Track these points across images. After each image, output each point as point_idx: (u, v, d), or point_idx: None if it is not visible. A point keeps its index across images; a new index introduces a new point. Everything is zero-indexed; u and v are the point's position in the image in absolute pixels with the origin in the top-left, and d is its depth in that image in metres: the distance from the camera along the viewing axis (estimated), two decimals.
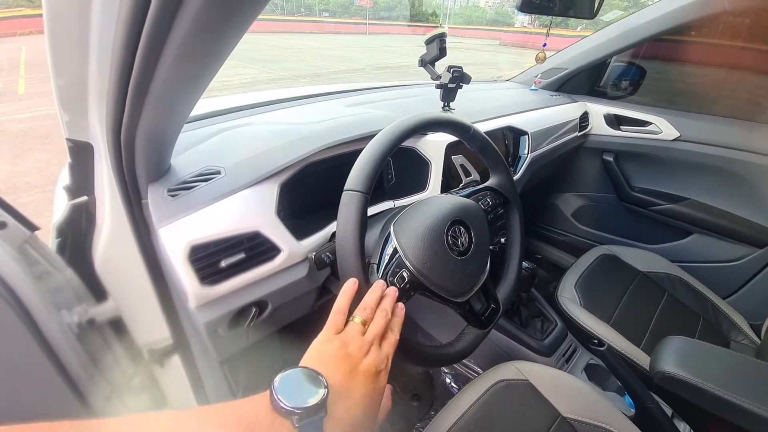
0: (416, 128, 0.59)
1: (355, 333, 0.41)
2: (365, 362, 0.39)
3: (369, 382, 0.38)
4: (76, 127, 0.54)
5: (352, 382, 0.37)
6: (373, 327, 0.43)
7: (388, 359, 0.42)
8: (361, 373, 0.38)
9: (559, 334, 1.03)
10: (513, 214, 0.75)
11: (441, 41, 0.98)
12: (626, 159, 1.50)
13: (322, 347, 0.40)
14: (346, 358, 0.38)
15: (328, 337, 0.41)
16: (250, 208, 0.60)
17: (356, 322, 0.43)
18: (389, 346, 0.43)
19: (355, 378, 0.37)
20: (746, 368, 0.73)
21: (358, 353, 0.39)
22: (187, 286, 0.55)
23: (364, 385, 0.38)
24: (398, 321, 0.46)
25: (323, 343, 0.40)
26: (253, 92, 1.08)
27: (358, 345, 0.40)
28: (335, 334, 0.41)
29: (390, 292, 0.48)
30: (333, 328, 0.42)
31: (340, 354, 0.39)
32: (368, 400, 0.38)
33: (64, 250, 0.63)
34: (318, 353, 0.39)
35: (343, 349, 0.39)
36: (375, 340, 0.42)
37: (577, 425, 0.70)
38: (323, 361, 0.38)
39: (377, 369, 0.39)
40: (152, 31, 0.31)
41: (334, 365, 0.37)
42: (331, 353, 0.39)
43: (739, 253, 1.30)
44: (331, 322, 0.43)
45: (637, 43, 1.34)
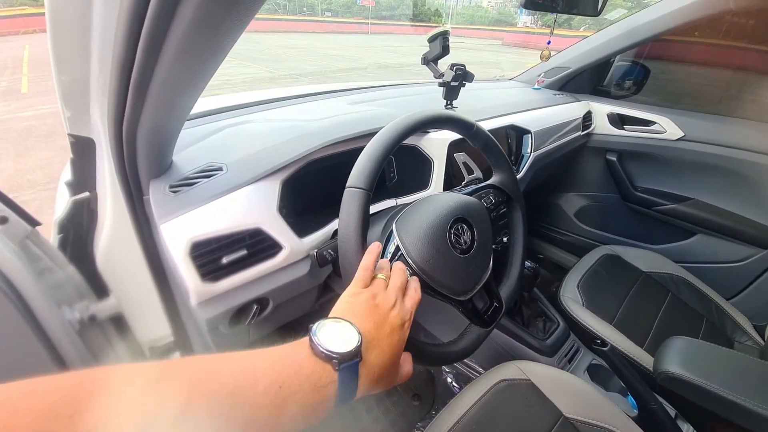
0: (419, 125, 0.59)
1: (381, 287, 0.44)
2: (392, 314, 0.41)
3: (395, 332, 0.40)
4: (79, 122, 0.54)
5: (380, 331, 0.39)
6: (394, 281, 0.46)
7: (412, 314, 0.44)
8: (388, 323, 0.40)
9: (562, 334, 1.02)
10: (516, 213, 0.75)
11: (444, 39, 0.97)
12: (630, 159, 1.50)
13: (352, 299, 0.42)
14: (375, 309, 0.41)
15: (356, 290, 0.44)
16: (251, 205, 0.60)
17: (381, 278, 0.46)
18: (411, 301, 0.45)
19: (383, 327, 0.40)
20: (750, 369, 0.72)
21: (385, 304, 0.42)
22: (189, 282, 0.54)
23: (391, 334, 0.40)
24: (417, 283, 0.49)
25: (353, 296, 0.43)
26: (255, 90, 1.08)
27: (384, 297, 0.43)
28: (363, 287, 0.44)
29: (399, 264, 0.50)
30: (361, 282, 0.45)
31: (370, 305, 0.41)
32: (394, 348, 0.40)
33: (66, 246, 0.63)
34: (349, 305, 0.42)
35: (372, 301, 0.42)
36: (398, 294, 0.44)
37: (580, 425, 0.69)
38: (354, 312, 0.40)
39: (402, 320, 0.42)
40: (153, 25, 0.31)
41: (365, 315, 0.40)
42: (361, 304, 0.41)
43: (744, 253, 1.30)
44: (359, 277, 0.45)
45: (640, 43, 1.33)
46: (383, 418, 1.17)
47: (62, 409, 0.22)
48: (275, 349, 0.34)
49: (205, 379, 0.28)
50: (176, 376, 0.27)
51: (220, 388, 0.27)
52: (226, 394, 0.27)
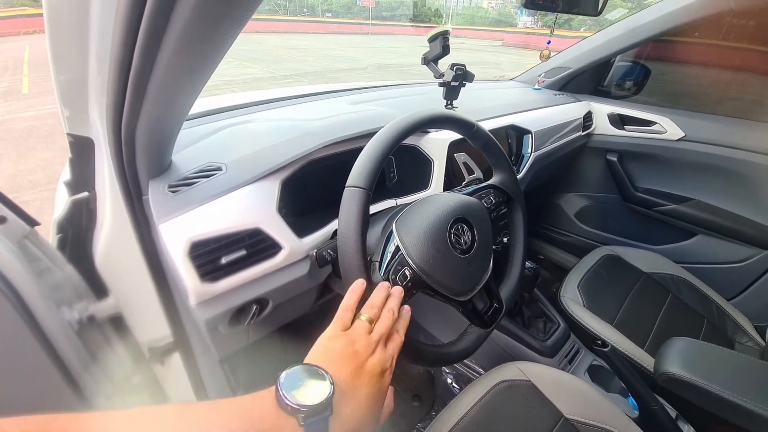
0: (419, 125, 0.59)
1: (362, 331, 0.41)
2: (371, 361, 0.39)
3: (374, 382, 0.38)
4: (77, 122, 0.54)
5: (358, 381, 0.37)
6: (379, 326, 0.43)
7: (393, 359, 0.41)
8: (366, 372, 0.38)
9: (562, 334, 1.02)
10: (516, 213, 0.74)
11: (444, 39, 0.97)
12: (630, 159, 1.49)
13: (328, 344, 0.40)
14: (353, 356, 0.38)
15: (335, 333, 0.41)
16: (251, 205, 0.60)
17: (363, 320, 0.42)
18: (394, 347, 0.43)
19: (361, 377, 0.37)
20: (751, 370, 0.72)
21: (364, 352, 0.39)
22: (188, 282, 0.54)
23: (369, 384, 0.37)
24: (404, 323, 0.46)
25: (330, 340, 0.40)
26: (255, 91, 1.08)
27: (364, 343, 0.40)
28: (342, 330, 0.41)
29: (396, 292, 0.48)
30: (340, 324, 0.42)
31: (347, 352, 0.38)
32: (373, 399, 0.37)
33: (65, 246, 0.63)
34: (324, 350, 0.39)
35: (350, 347, 0.39)
36: (381, 340, 0.41)
37: (580, 426, 0.69)
38: (330, 358, 0.37)
39: (382, 368, 0.39)
40: (151, 23, 0.31)
41: (341, 363, 0.37)
42: (338, 350, 0.38)
43: (744, 254, 1.29)
44: (339, 318, 0.43)
45: (641, 43, 1.33)
46: None
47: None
48: (237, 400, 0.32)
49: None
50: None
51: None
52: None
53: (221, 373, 0.79)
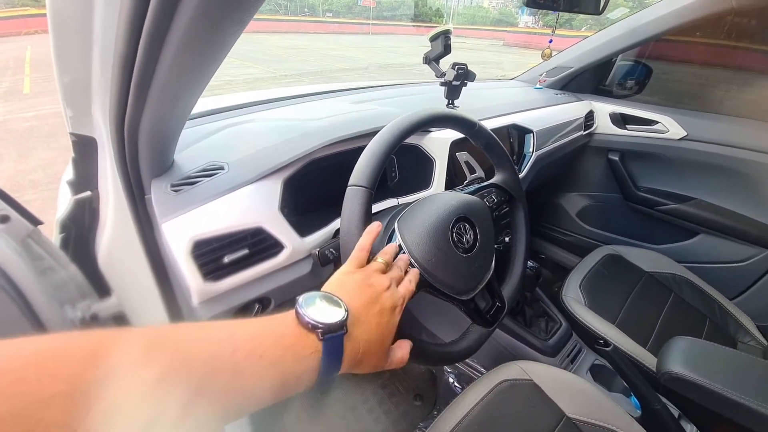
0: (421, 124, 0.59)
1: (377, 269, 0.44)
2: (384, 295, 0.41)
3: (385, 314, 0.40)
4: (80, 121, 0.54)
5: (370, 310, 0.39)
6: (393, 271, 0.45)
7: (404, 300, 0.43)
8: (379, 303, 0.40)
9: (564, 334, 1.02)
10: (518, 212, 0.74)
11: (446, 38, 0.97)
12: (632, 158, 1.49)
13: (344, 277, 0.42)
14: (367, 288, 0.40)
15: (350, 269, 0.43)
16: (253, 204, 0.60)
17: (379, 261, 0.45)
18: (406, 291, 0.44)
19: (373, 307, 0.39)
20: (754, 369, 0.72)
21: (379, 286, 0.41)
22: (190, 281, 0.54)
23: (381, 314, 0.39)
24: (415, 277, 0.48)
25: (345, 274, 0.42)
26: (256, 90, 1.08)
27: (378, 279, 0.42)
28: (357, 267, 0.43)
29: (403, 256, 0.50)
30: (356, 262, 0.44)
31: (363, 284, 0.41)
32: (383, 328, 0.39)
33: (68, 245, 0.63)
34: (340, 282, 0.41)
35: (366, 281, 0.41)
36: (394, 282, 0.43)
37: (583, 426, 0.69)
38: (345, 289, 0.40)
39: (394, 304, 0.41)
40: (154, 23, 0.31)
41: (356, 293, 0.39)
42: (353, 283, 0.41)
43: (747, 253, 1.29)
44: (354, 257, 0.45)
45: (642, 42, 1.33)
46: (385, 418, 1.17)
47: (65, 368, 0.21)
48: (261, 319, 0.34)
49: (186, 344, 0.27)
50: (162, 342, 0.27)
51: (199, 352, 0.27)
52: (204, 359, 0.27)
53: None
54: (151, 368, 0.24)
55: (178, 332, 0.29)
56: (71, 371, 0.21)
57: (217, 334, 0.30)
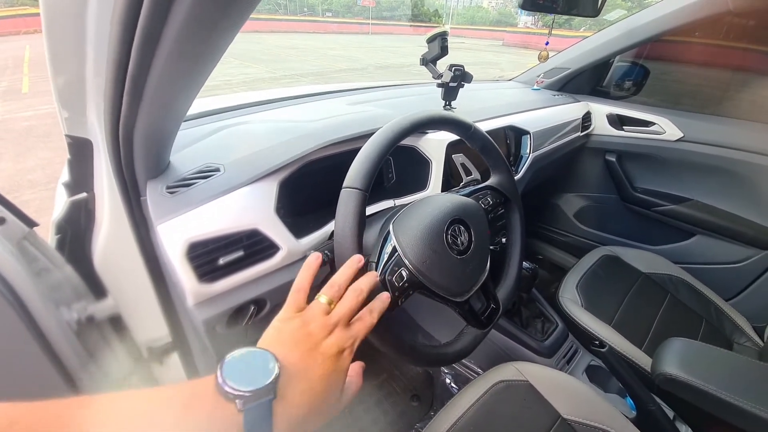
0: (416, 126, 0.59)
1: (317, 312, 0.38)
2: (326, 342, 0.36)
3: (329, 363, 0.35)
4: (75, 123, 0.54)
5: (309, 362, 0.35)
6: (339, 307, 0.39)
7: (356, 340, 0.39)
8: (320, 353, 0.35)
9: (560, 335, 1.02)
10: (514, 214, 0.75)
11: (442, 40, 0.97)
12: (629, 159, 1.49)
13: (280, 325, 0.38)
14: (305, 338, 0.36)
15: (287, 315, 0.39)
16: (248, 206, 0.60)
17: (320, 302, 0.40)
18: (361, 327, 0.40)
19: (313, 358, 0.35)
20: (748, 370, 0.72)
21: (319, 333, 0.37)
22: (185, 283, 0.54)
23: (323, 365, 0.35)
24: (380, 305, 0.43)
25: (282, 321, 0.38)
26: (254, 91, 1.08)
27: (320, 324, 0.37)
28: (296, 312, 0.39)
29: (371, 274, 0.45)
30: (293, 306, 0.39)
31: (300, 333, 0.36)
32: (327, 381, 0.35)
33: (64, 246, 0.63)
34: (276, 332, 0.37)
35: (303, 329, 0.37)
36: (341, 321, 0.38)
37: (578, 427, 0.69)
38: (280, 341, 0.36)
39: (339, 349, 0.36)
40: (147, 25, 0.31)
41: (292, 344, 0.35)
42: (289, 332, 0.36)
43: (743, 254, 1.30)
44: (291, 300, 0.40)
45: (639, 43, 1.33)
46: (382, 419, 1.17)
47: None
48: (177, 386, 0.30)
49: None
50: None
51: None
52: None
53: None
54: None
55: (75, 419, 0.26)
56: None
57: (116, 415, 0.27)
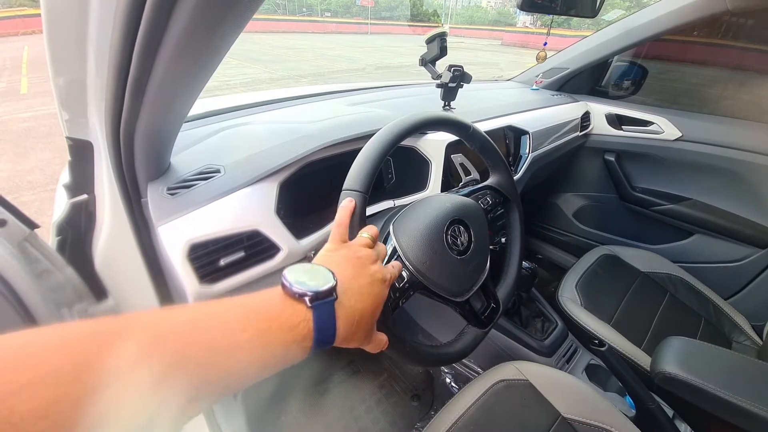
0: (415, 127, 0.59)
1: (363, 244, 0.43)
2: (374, 267, 0.40)
3: (375, 285, 0.39)
4: (76, 125, 0.54)
5: (360, 281, 0.38)
6: (379, 247, 0.45)
7: (392, 276, 0.43)
8: (369, 275, 0.39)
9: (560, 334, 1.02)
10: (513, 214, 0.75)
11: (441, 40, 0.98)
12: (628, 159, 1.50)
13: (330, 254, 0.41)
14: (355, 260, 0.40)
15: (334, 246, 0.42)
16: (249, 207, 0.60)
17: (364, 236, 0.44)
18: (393, 270, 0.44)
19: (363, 277, 0.38)
20: (747, 369, 0.72)
21: (367, 259, 0.40)
22: (186, 284, 0.55)
23: (371, 285, 0.38)
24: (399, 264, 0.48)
25: (330, 251, 0.41)
26: (253, 92, 1.08)
27: (367, 253, 0.41)
28: (341, 243, 0.43)
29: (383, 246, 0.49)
30: (338, 238, 0.43)
31: (350, 257, 0.40)
32: (374, 299, 0.38)
33: (64, 248, 0.63)
34: (326, 257, 0.41)
35: (353, 254, 0.40)
36: (381, 256, 0.43)
37: (578, 426, 0.70)
38: (333, 262, 0.39)
39: (383, 276, 0.40)
40: (149, 28, 0.31)
41: (344, 265, 0.38)
42: (340, 257, 0.40)
43: (742, 253, 1.30)
44: (336, 234, 0.44)
45: (638, 43, 1.33)
46: (383, 418, 1.17)
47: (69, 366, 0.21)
48: (245, 295, 0.32)
49: (158, 327, 0.26)
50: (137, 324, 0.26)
51: (172, 332, 0.26)
52: (178, 337, 0.26)
53: None
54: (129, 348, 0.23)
55: (150, 316, 0.27)
56: (43, 359, 0.20)
57: (191, 314, 0.29)
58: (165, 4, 0.29)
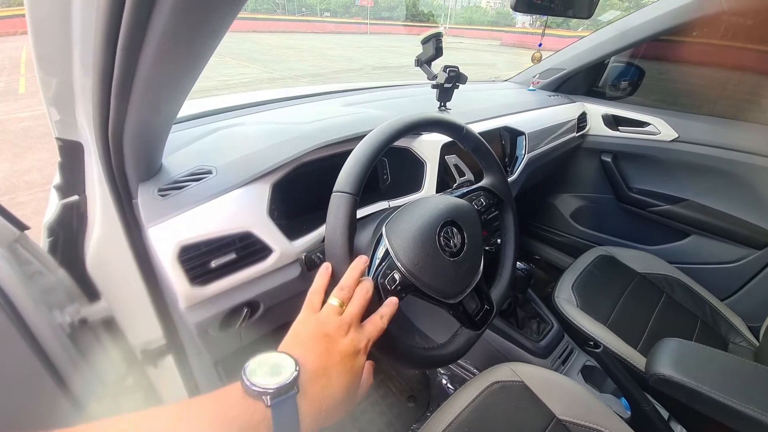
0: (407, 129, 0.59)
1: (331, 313, 0.41)
2: (343, 342, 0.39)
3: (346, 361, 0.38)
4: (66, 126, 0.54)
5: (328, 360, 0.37)
6: (350, 307, 0.42)
7: (369, 341, 0.41)
8: (338, 352, 0.38)
9: (556, 335, 1.02)
10: (507, 215, 0.74)
11: (437, 41, 0.98)
12: (624, 160, 1.50)
13: (299, 327, 0.40)
14: (322, 338, 0.38)
15: (304, 317, 0.42)
16: (241, 208, 0.60)
17: (332, 304, 0.42)
18: (372, 329, 0.42)
19: (331, 357, 0.37)
20: (742, 371, 0.72)
21: (335, 333, 0.39)
22: (177, 286, 0.54)
23: (341, 363, 0.38)
24: (389, 310, 0.46)
25: (300, 324, 0.41)
26: (248, 92, 1.08)
27: (335, 325, 0.40)
28: (312, 313, 0.42)
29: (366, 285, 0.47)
30: (310, 308, 0.42)
31: (317, 333, 0.39)
32: (345, 378, 0.37)
33: (56, 249, 0.63)
34: (295, 334, 0.40)
35: (320, 329, 0.39)
36: (354, 321, 0.41)
37: (572, 427, 0.69)
38: (300, 342, 0.38)
39: (355, 349, 0.39)
40: (129, 30, 0.31)
41: (310, 345, 0.38)
42: (307, 333, 0.39)
43: (738, 254, 1.30)
44: (308, 302, 0.43)
45: (635, 44, 1.33)
46: (379, 420, 1.17)
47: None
48: (205, 396, 0.32)
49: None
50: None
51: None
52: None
53: (215, 375, 0.79)
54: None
55: None
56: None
57: (149, 424, 0.29)
58: (144, 6, 0.29)
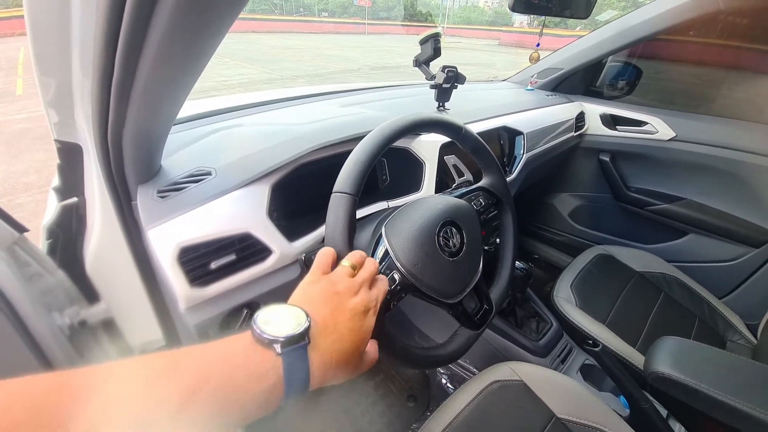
0: (406, 129, 0.59)
1: (343, 274, 0.41)
2: (353, 300, 0.39)
3: (357, 319, 0.38)
4: (64, 128, 0.54)
5: (339, 318, 0.37)
6: (363, 272, 0.43)
7: (378, 301, 0.41)
8: (349, 310, 0.38)
9: (555, 334, 1.03)
10: (506, 215, 0.75)
11: (435, 41, 0.98)
12: (622, 159, 1.50)
13: (307, 287, 0.40)
14: (333, 296, 0.38)
15: (314, 278, 0.41)
16: (240, 210, 0.60)
17: (345, 265, 0.43)
18: (379, 291, 0.42)
19: (342, 314, 0.37)
20: (740, 369, 0.72)
21: (346, 292, 0.39)
22: (177, 288, 0.54)
23: (352, 320, 0.37)
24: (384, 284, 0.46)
25: (309, 284, 0.40)
26: (247, 93, 1.08)
27: (346, 285, 0.40)
28: (322, 274, 0.41)
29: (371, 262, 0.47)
30: (319, 269, 0.42)
31: (328, 292, 0.39)
32: (357, 334, 0.37)
33: (55, 251, 0.63)
34: (303, 292, 0.39)
35: (331, 288, 0.39)
36: (365, 283, 0.41)
37: (572, 426, 0.70)
38: (309, 300, 0.38)
39: (366, 307, 0.39)
40: (129, 31, 0.31)
41: (321, 303, 0.37)
42: (317, 292, 0.39)
43: (736, 252, 1.30)
44: (317, 264, 0.43)
45: (632, 43, 1.34)
46: (378, 420, 1.17)
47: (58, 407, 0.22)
48: (213, 343, 0.31)
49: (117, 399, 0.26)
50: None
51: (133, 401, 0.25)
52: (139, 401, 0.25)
53: None
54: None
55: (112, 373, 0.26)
56: None
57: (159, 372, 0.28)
58: (144, 7, 0.29)
